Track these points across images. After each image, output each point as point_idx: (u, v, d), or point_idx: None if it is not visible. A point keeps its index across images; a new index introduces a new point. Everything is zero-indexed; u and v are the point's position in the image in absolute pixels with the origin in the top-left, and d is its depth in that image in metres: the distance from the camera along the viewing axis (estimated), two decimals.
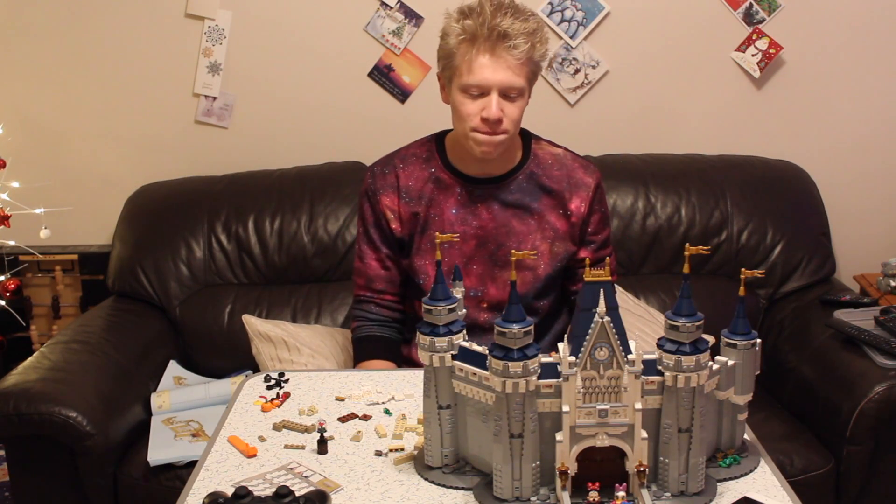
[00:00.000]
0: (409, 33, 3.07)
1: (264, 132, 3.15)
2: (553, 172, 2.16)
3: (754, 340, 1.57)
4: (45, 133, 3.18)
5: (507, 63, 1.97)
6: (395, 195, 2.17)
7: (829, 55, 3.09)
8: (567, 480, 1.47)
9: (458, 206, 2.15)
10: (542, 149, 2.19)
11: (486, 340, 2.13)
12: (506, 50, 1.97)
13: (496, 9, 1.99)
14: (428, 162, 2.18)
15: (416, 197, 2.16)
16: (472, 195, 2.15)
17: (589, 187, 2.17)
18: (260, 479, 1.61)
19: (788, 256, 2.91)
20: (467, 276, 2.15)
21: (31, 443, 2.32)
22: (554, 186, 2.15)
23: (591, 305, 1.44)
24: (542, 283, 2.17)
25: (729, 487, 1.56)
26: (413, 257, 2.18)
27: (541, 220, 2.14)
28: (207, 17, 3.07)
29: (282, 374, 2.00)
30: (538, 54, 2.02)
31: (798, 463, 2.37)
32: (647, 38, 3.08)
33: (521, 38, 1.97)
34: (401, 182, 2.17)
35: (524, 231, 2.14)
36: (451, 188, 2.15)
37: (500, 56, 1.97)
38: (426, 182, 2.16)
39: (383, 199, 2.18)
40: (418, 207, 2.16)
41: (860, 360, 2.39)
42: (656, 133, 3.16)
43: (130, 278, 2.90)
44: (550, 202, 2.15)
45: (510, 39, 1.96)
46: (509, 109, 2.01)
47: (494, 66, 1.98)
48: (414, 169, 2.18)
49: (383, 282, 2.23)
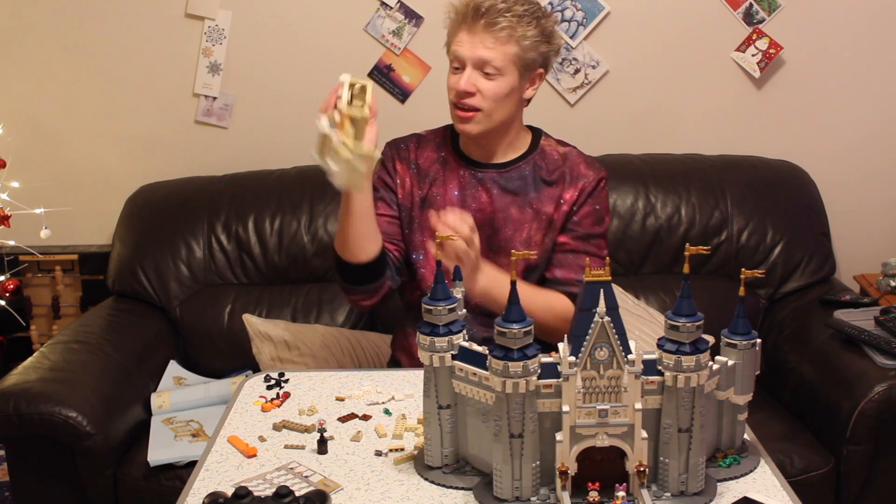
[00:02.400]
0: (409, 33, 3.07)
1: (264, 132, 3.15)
2: (557, 166, 2.17)
3: (754, 340, 1.57)
4: (45, 133, 3.18)
5: (483, 40, 2.02)
6: (406, 165, 2.21)
7: (829, 55, 3.09)
8: (567, 480, 1.47)
9: (460, 187, 2.18)
10: (551, 145, 2.21)
11: (474, 324, 2.14)
12: (482, 27, 2.02)
13: None
14: (440, 146, 2.22)
15: (423, 174, 2.20)
16: (475, 178, 2.17)
17: (587, 178, 2.16)
18: (260, 479, 1.61)
19: (788, 256, 2.91)
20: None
21: (31, 443, 2.32)
22: (555, 179, 2.16)
23: (591, 305, 1.44)
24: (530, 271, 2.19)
25: (729, 487, 1.56)
26: (412, 233, 2.19)
27: (538, 211, 2.15)
28: (207, 17, 3.07)
29: (282, 374, 2.01)
30: (523, 38, 2.03)
31: (798, 463, 2.37)
32: (647, 38, 3.08)
33: (502, 20, 2.01)
34: (413, 157, 2.22)
35: (521, 219, 2.15)
36: (455, 170, 2.19)
37: (476, 32, 2.03)
38: (435, 163, 2.21)
39: (397, 164, 2.22)
40: (424, 184, 2.19)
41: (860, 360, 2.39)
42: (656, 133, 3.16)
43: (130, 278, 2.90)
44: (550, 193, 2.16)
45: (488, 16, 2.01)
46: (485, 85, 2.05)
47: (471, 43, 2.04)
48: (427, 150, 2.22)
49: (385, 234, 2.17)
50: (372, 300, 2.14)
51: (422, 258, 2.19)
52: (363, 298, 2.13)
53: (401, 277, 2.20)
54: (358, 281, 2.10)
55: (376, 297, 2.13)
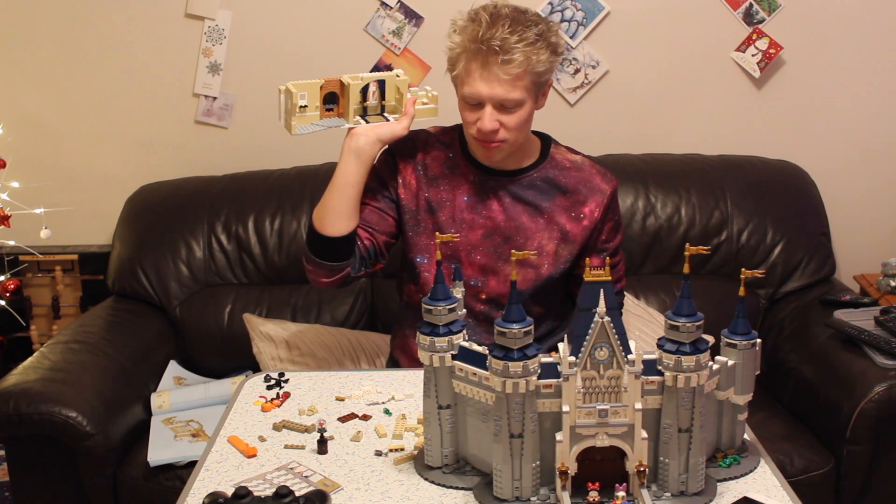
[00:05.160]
0: (409, 33, 3.07)
1: (264, 132, 3.15)
2: (570, 174, 2.16)
3: (754, 340, 1.58)
4: (45, 133, 3.18)
5: (500, 77, 1.96)
6: (412, 166, 2.19)
7: (829, 55, 3.09)
8: (567, 480, 1.47)
9: (471, 193, 2.15)
10: (561, 153, 2.20)
11: (479, 331, 2.14)
12: (498, 65, 1.95)
13: (493, 19, 1.96)
14: (448, 147, 2.19)
15: (431, 176, 2.17)
16: (485, 185, 2.15)
17: (605, 193, 2.16)
18: (260, 479, 1.61)
19: (788, 256, 2.91)
20: (469, 265, 2.14)
21: (31, 443, 2.32)
22: (569, 187, 2.15)
23: (591, 305, 1.44)
24: (543, 283, 2.16)
25: (729, 487, 1.56)
26: (416, 236, 2.18)
27: (550, 220, 2.14)
28: (207, 17, 3.07)
29: (282, 374, 2.01)
30: (538, 64, 1.98)
31: (798, 463, 2.37)
32: (647, 38, 3.08)
33: (516, 52, 1.94)
34: (420, 157, 2.19)
35: (532, 228, 2.14)
36: (465, 175, 2.16)
37: (493, 70, 1.96)
38: (443, 165, 2.18)
39: (400, 163, 2.19)
40: (432, 187, 2.17)
41: (860, 360, 2.39)
42: (656, 133, 3.16)
43: (130, 278, 2.90)
44: (564, 203, 2.15)
45: (503, 54, 1.94)
46: (507, 119, 2.02)
47: (488, 80, 1.97)
48: (435, 150, 2.19)
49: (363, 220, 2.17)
50: (330, 279, 2.15)
51: (426, 261, 2.17)
52: (323, 275, 2.15)
53: (364, 268, 2.18)
54: (321, 254, 2.12)
55: (334, 277, 2.15)
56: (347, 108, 2.11)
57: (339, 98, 2.11)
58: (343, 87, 2.11)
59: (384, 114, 2.14)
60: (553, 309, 2.23)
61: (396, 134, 2.11)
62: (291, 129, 2.10)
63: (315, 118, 2.10)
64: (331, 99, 2.11)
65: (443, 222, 2.14)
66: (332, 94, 2.11)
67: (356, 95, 2.10)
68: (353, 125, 2.11)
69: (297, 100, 2.07)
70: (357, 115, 2.12)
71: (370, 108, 2.13)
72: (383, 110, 2.14)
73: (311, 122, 2.11)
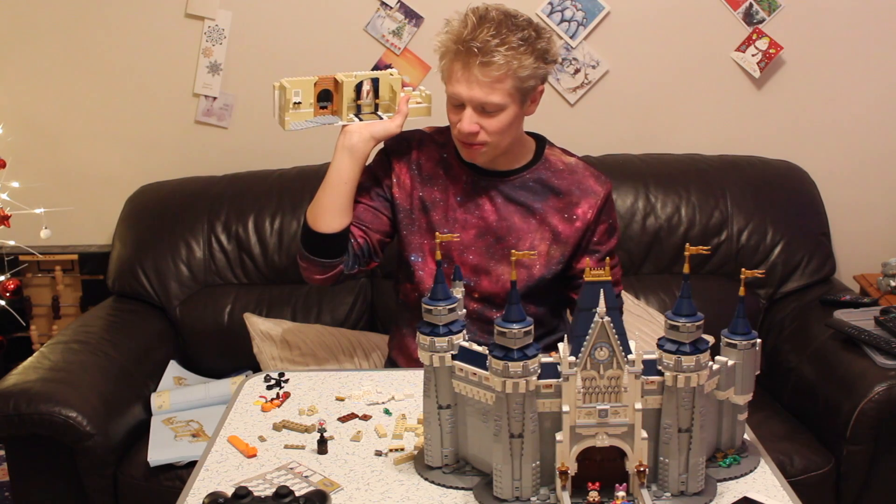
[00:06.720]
0: (409, 33, 3.07)
1: (264, 132, 3.14)
2: (563, 176, 2.16)
3: (754, 340, 1.58)
4: (45, 133, 3.19)
5: (479, 80, 1.96)
6: (406, 166, 2.19)
7: (829, 55, 3.09)
8: (567, 480, 1.47)
9: (463, 193, 2.16)
10: (555, 155, 2.19)
11: (473, 329, 2.14)
12: (479, 67, 1.95)
13: (480, 21, 1.96)
14: (442, 147, 2.20)
15: (425, 176, 2.18)
16: (478, 185, 2.15)
17: (599, 195, 2.15)
18: (260, 479, 1.61)
19: (788, 256, 2.91)
20: (462, 265, 2.14)
21: (31, 443, 2.32)
22: (562, 189, 2.14)
23: (591, 305, 1.44)
24: (535, 284, 2.16)
25: (729, 487, 1.56)
26: (411, 235, 2.18)
27: (542, 220, 2.14)
28: (207, 17, 3.07)
29: (282, 374, 2.01)
30: (521, 69, 1.96)
31: (798, 463, 2.37)
32: (647, 38, 3.08)
33: (497, 55, 1.93)
34: (414, 157, 2.19)
35: (524, 229, 2.14)
36: (458, 175, 2.17)
37: (472, 72, 1.96)
38: (437, 165, 2.18)
39: (395, 162, 2.20)
40: (426, 186, 2.17)
41: (860, 360, 2.39)
42: (656, 133, 3.16)
43: (130, 278, 2.90)
44: (556, 204, 2.14)
45: (482, 56, 1.93)
46: (487, 123, 2.01)
47: (468, 82, 1.97)
48: (429, 150, 2.20)
49: (356, 218, 2.18)
50: (323, 276, 2.16)
51: (420, 260, 2.18)
52: (316, 272, 2.15)
53: (358, 266, 2.18)
54: (314, 251, 2.12)
55: (327, 275, 2.15)
56: (341, 106, 2.12)
57: (333, 95, 2.12)
58: (337, 85, 2.11)
59: (378, 112, 2.14)
60: (545, 312, 2.22)
61: (390, 132, 2.12)
62: (284, 124, 2.11)
63: (309, 115, 2.11)
64: (325, 96, 2.12)
65: (436, 221, 2.15)
66: (326, 92, 2.11)
67: (350, 93, 2.11)
68: (346, 122, 2.12)
69: (291, 96, 2.08)
70: (351, 112, 2.13)
71: (364, 105, 2.14)
72: (377, 108, 2.14)
73: (305, 119, 2.11)
